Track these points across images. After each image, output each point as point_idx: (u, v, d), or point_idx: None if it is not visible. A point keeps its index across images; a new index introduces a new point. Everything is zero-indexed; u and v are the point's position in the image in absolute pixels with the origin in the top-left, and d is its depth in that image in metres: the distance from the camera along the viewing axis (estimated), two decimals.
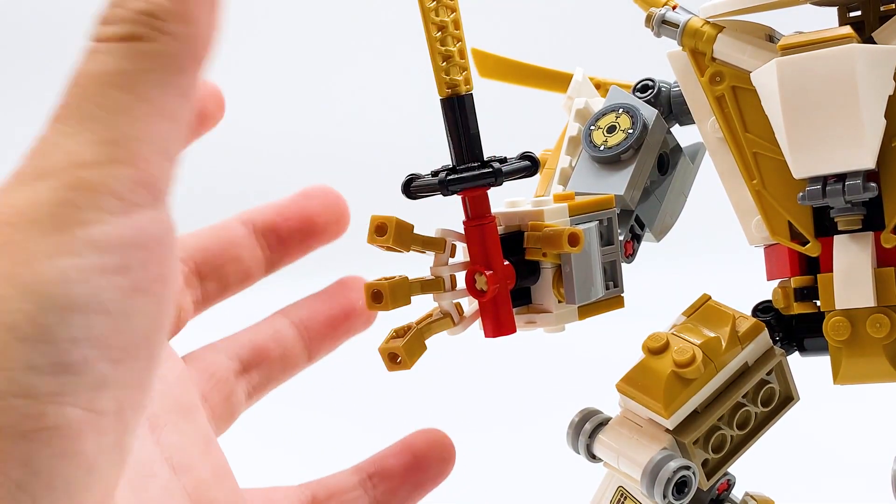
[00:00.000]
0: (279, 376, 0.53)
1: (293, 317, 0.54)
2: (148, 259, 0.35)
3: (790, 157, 0.48)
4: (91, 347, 0.34)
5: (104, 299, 0.34)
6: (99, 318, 0.34)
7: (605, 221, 0.52)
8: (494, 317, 0.48)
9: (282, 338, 0.53)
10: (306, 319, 0.54)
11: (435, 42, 0.45)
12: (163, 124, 0.36)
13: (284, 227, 0.54)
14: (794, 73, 0.47)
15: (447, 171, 0.47)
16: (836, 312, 0.50)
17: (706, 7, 0.52)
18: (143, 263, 0.35)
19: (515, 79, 0.63)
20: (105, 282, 0.34)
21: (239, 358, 0.52)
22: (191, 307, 0.51)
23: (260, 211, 0.54)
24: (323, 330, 0.54)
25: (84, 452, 0.34)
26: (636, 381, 0.51)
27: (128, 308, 0.35)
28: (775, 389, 0.53)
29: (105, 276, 0.34)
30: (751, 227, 0.52)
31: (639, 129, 0.55)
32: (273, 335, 0.53)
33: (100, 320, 0.34)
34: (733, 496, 0.55)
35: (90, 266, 0.34)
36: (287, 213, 0.54)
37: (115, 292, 0.34)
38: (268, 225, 0.54)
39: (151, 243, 0.35)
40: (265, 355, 0.52)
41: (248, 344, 0.52)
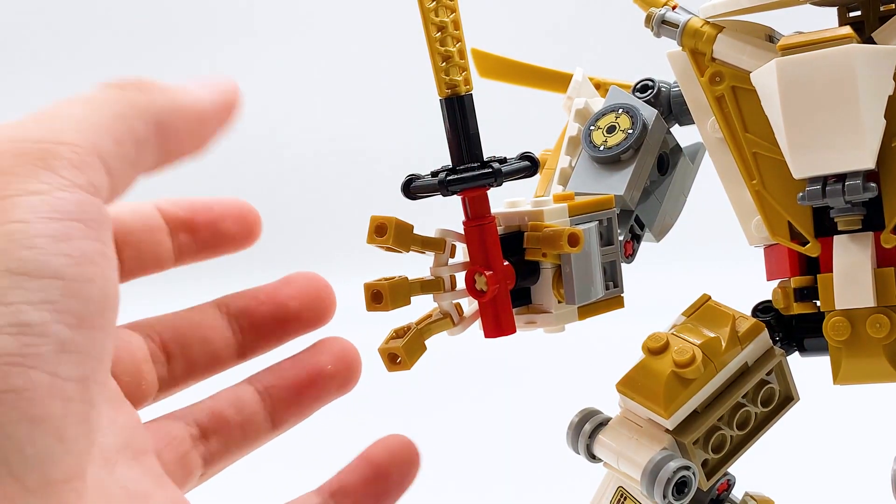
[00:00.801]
0: (240, 445, 0.51)
1: (258, 384, 0.52)
2: (87, 233, 0.37)
3: (790, 158, 0.48)
4: (48, 310, 0.35)
5: (54, 264, 0.36)
6: (52, 282, 0.35)
7: (605, 221, 0.52)
8: (494, 317, 0.48)
9: (243, 405, 0.51)
10: (270, 387, 0.52)
11: (435, 42, 0.45)
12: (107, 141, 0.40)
13: (258, 312, 0.53)
14: (794, 73, 0.47)
15: (447, 172, 0.47)
16: (836, 312, 0.50)
17: (706, 7, 0.52)
18: (84, 235, 0.37)
19: (515, 79, 0.63)
20: (52, 247, 0.36)
21: (197, 424, 0.51)
22: (155, 382, 0.50)
23: (236, 296, 0.53)
24: (288, 397, 0.52)
25: (52, 418, 0.35)
26: (636, 382, 0.51)
27: (77, 274, 0.36)
28: (775, 389, 0.53)
29: (52, 242, 0.36)
30: (751, 228, 0.52)
31: (638, 129, 0.55)
32: (234, 402, 0.51)
33: (53, 284, 0.35)
34: (733, 496, 0.55)
35: (36, 232, 0.36)
36: (262, 297, 0.53)
37: (63, 259, 0.36)
38: (241, 309, 0.53)
39: (90, 220, 0.38)
40: (224, 422, 0.50)
41: (207, 410, 0.51)
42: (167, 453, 0.49)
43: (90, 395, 0.36)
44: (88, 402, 0.36)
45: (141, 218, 0.51)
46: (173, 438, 0.49)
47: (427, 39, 0.45)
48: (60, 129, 0.39)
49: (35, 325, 0.35)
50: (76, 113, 0.40)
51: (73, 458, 0.36)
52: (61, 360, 0.35)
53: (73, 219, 0.37)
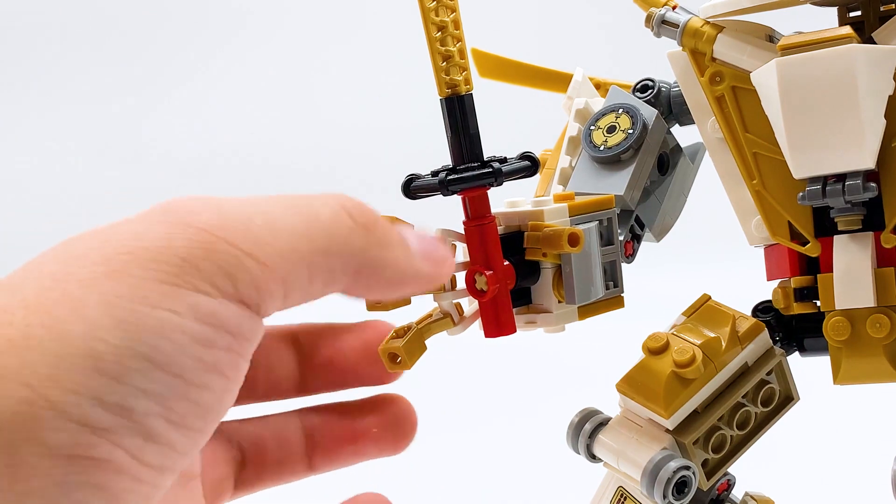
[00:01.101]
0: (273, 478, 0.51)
1: (306, 420, 0.52)
2: (232, 345, 0.37)
3: (790, 158, 0.48)
4: (156, 403, 0.35)
5: (183, 365, 0.36)
6: (173, 380, 0.35)
7: (605, 221, 0.52)
8: (494, 317, 0.48)
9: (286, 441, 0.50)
10: (316, 428, 0.51)
11: (435, 42, 0.45)
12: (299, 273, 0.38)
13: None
14: (794, 73, 0.47)
15: (447, 171, 0.47)
16: (836, 312, 0.50)
17: (706, 7, 0.52)
18: (228, 347, 0.37)
19: (515, 79, 0.63)
20: (190, 349, 0.36)
21: (240, 447, 0.51)
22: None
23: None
24: (329, 445, 0.52)
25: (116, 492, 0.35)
26: (636, 381, 0.51)
27: (199, 380, 0.36)
28: (775, 389, 0.53)
29: (192, 344, 0.36)
30: (751, 228, 0.52)
31: (639, 129, 0.55)
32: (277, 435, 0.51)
33: (172, 382, 0.35)
34: (733, 496, 0.55)
35: (184, 329, 0.35)
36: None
37: (194, 362, 0.36)
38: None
39: (241, 335, 0.37)
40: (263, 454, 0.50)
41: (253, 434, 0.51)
42: (210, 472, 0.49)
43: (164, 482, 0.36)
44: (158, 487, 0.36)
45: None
46: (217, 459, 0.49)
47: (427, 39, 0.45)
48: (262, 241, 0.37)
49: (138, 412, 0.35)
50: (290, 226, 0.38)
51: None
52: (147, 447, 0.35)
53: (224, 328, 0.36)
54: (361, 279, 0.40)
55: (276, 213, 0.39)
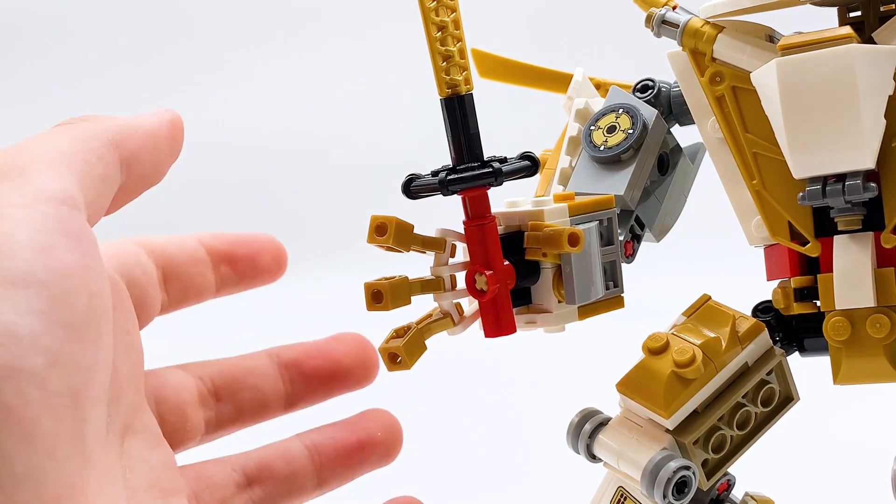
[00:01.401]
0: (284, 497, 0.52)
1: (307, 440, 0.53)
2: (70, 247, 0.37)
3: (790, 158, 0.48)
4: (38, 321, 0.35)
5: (40, 275, 0.36)
6: (39, 292, 0.35)
7: (605, 221, 0.52)
8: (494, 317, 0.48)
9: (291, 458, 0.52)
10: (320, 444, 0.53)
11: (435, 42, 0.45)
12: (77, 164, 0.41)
13: (308, 364, 0.54)
14: (794, 73, 0.47)
15: (447, 171, 0.47)
16: (836, 312, 0.50)
17: (706, 7, 0.52)
18: (67, 249, 0.37)
19: (515, 79, 0.63)
20: (37, 259, 0.36)
21: (243, 471, 0.51)
22: (201, 425, 0.51)
23: (287, 347, 0.55)
24: (335, 458, 0.53)
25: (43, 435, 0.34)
26: (636, 382, 0.51)
27: (63, 286, 0.36)
28: (775, 389, 0.53)
29: (36, 253, 0.36)
30: (751, 228, 0.52)
31: (639, 129, 0.55)
32: (283, 454, 0.52)
33: (40, 295, 0.35)
34: (733, 496, 0.55)
35: (20, 243, 0.36)
36: (314, 352, 0.54)
37: (48, 270, 0.36)
38: (292, 360, 0.54)
39: (72, 234, 0.38)
40: (271, 472, 0.51)
41: (256, 458, 0.52)
42: (206, 495, 0.49)
43: (82, 410, 0.36)
44: (81, 418, 0.36)
45: (186, 251, 0.52)
46: (214, 483, 0.50)
47: (427, 39, 0.45)
48: (30, 154, 0.39)
49: (25, 335, 0.34)
50: (38, 142, 0.40)
51: (66, 476, 0.35)
52: (52, 373, 0.35)
53: (54, 231, 0.37)
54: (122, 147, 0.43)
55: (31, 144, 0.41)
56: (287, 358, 0.54)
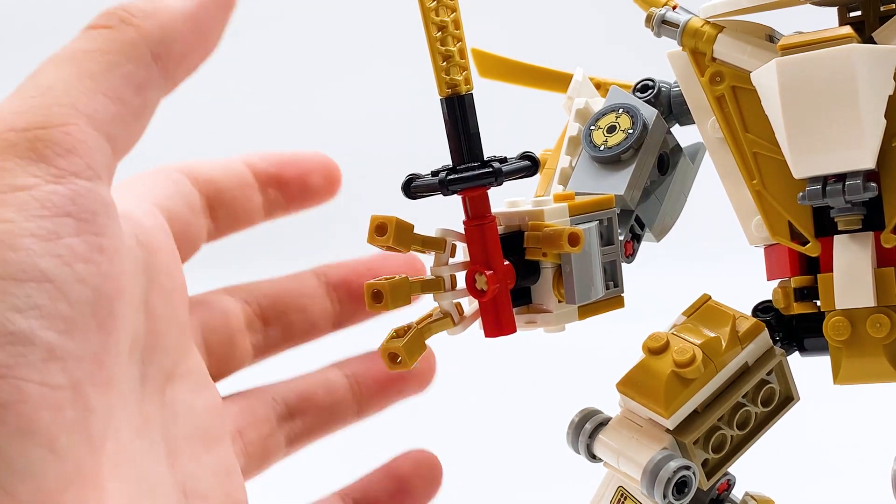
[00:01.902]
0: (326, 426, 0.51)
1: (346, 370, 0.53)
2: (80, 228, 0.35)
3: (790, 157, 0.48)
4: (35, 317, 0.33)
5: (42, 266, 0.34)
6: (39, 286, 0.34)
7: (605, 221, 0.52)
8: (494, 317, 0.48)
9: (333, 388, 0.52)
10: (359, 374, 0.52)
11: (435, 42, 0.45)
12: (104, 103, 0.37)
13: (357, 283, 0.53)
14: (794, 73, 0.47)
15: (447, 171, 0.47)
16: (836, 312, 0.50)
17: (706, 7, 0.52)
18: (76, 231, 0.35)
19: (515, 79, 0.63)
20: (40, 248, 0.34)
21: (286, 402, 0.51)
22: (249, 350, 0.50)
23: (335, 266, 0.53)
24: (374, 387, 0.53)
25: (42, 429, 0.33)
26: (636, 381, 0.51)
27: (66, 275, 0.34)
28: (775, 389, 0.53)
29: (39, 242, 0.34)
30: (751, 228, 0.52)
31: (639, 129, 0.55)
32: (324, 383, 0.52)
33: (40, 288, 0.34)
34: (733, 496, 0.55)
35: (22, 232, 0.34)
36: (362, 270, 0.53)
37: (51, 259, 0.34)
38: (341, 280, 0.53)
39: (83, 213, 0.35)
40: (313, 402, 0.51)
41: (297, 389, 0.51)
42: (250, 432, 0.48)
43: (86, 400, 0.35)
44: (84, 409, 0.35)
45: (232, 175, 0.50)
46: (258, 418, 0.49)
47: (427, 39, 0.45)
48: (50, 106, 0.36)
49: (23, 333, 0.33)
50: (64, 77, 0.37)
51: (69, 467, 0.35)
52: (50, 368, 0.34)
53: (63, 214, 0.35)
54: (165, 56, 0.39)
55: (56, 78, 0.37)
56: (335, 277, 0.53)
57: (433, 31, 0.45)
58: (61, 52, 0.38)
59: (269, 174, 0.51)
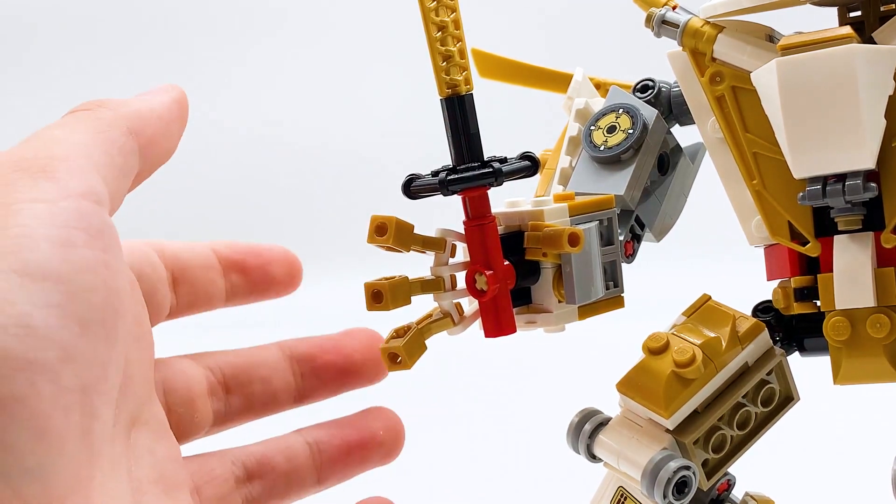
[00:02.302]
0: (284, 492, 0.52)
1: (308, 436, 0.53)
2: (89, 242, 0.37)
3: (790, 158, 0.48)
4: (53, 315, 0.35)
5: (58, 269, 0.36)
6: (56, 285, 0.35)
7: (606, 221, 0.52)
8: (494, 317, 0.48)
9: (293, 455, 0.52)
10: (321, 442, 0.52)
11: (435, 42, 0.45)
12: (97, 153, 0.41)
13: (321, 359, 0.53)
14: (794, 73, 0.47)
15: (447, 171, 0.47)
16: (836, 312, 0.50)
17: (706, 7, 0.52)
18: (86, 244, 0.37)
19: (515, 79, 0.63)
20: (56, 253, 0.36)
21: (244, 465, 0.51)
22: (209, 416, 0.51)
23: (299, 341, 0.54)
24: (337, 455, 0.52)
25: (52, 431, 0.34)
26: (636, 382, 0.51)
27: (80, 281, 0.36)
28: (775, 389, 0.53)
29: (55, 247, 0.36)
30: (751, 228, 0.52)
31: (639, 129, 0.55)
32: (284, 450, 0.52)
33: (56, 289, 0.35)
34: (733, 496, 0.55)
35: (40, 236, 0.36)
36: (326, 346, 0.54)
37: (66, 265, 0.36)
38: (304, 354, 0.54)
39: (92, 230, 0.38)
40: (271, 467, 0.51)
41: (257, 454, 0.51)
42: (208, 490, 0.49)
43: (92, 406, 0.36)
44: (90, 415, 0.36)
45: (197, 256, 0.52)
46: (216, 477, 0.49)
47: (427, 39, 0.45)
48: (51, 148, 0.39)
49: (40, 327, 0.34)
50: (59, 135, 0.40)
51: (73, 472, 0.35)
52: (65, 368, 0.35)
53: (74, 227, 0.37)
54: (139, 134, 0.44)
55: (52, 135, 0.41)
56: (299, 352, 0.54)
57: (433, 31, 0.45)
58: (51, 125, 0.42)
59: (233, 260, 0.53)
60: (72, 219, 0.37)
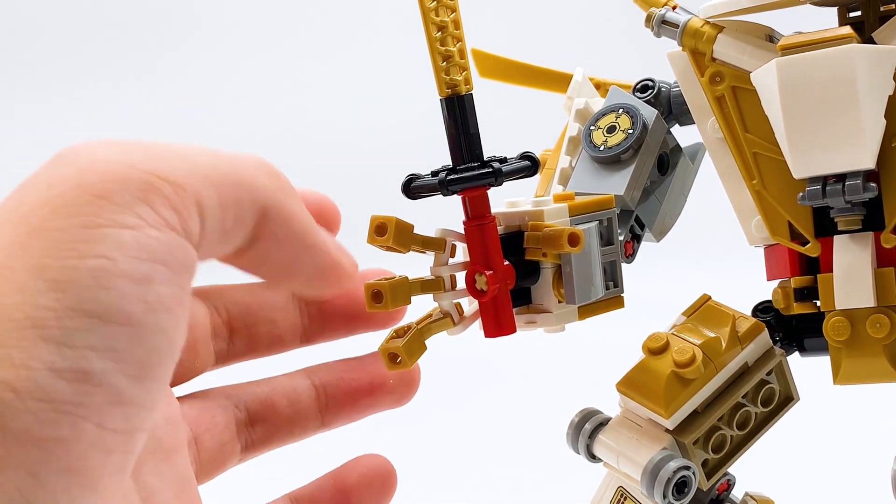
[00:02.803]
0: (285, 437, 0.50)
1: (315, 378, 0.51)
2: (170, 279, 0.35)
3: (790, 158, 0.48)
4: (111, 359, 0.33)
5: (129, 310, 0.34)
6: (122, 329, 0.34)
7: (605, 221, 0.52)
8: (494, 317, 0.48)
9: (297, 398, 0.50)
10: (328, 384, 0.50)
11: (435, 42, 0.45)
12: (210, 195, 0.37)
13: (329, 302, 0.51)
14: (794, 73, 0.47)
15: (447, 171, 0.47)
16: (836, 312, 0.50)
17: (706, 7, 0.52)
18: (167, 281, 0.35)
19: (515, 79, 0.63)
20: (131, 291, 0.34)
21: (247, 408, 0.50)
22: (212, 357, 0.49)
23: None
24: (343, 398, 0.51)
25: (90, 470, 0.33)
26: (636, 382, 0.51)
27: (149, 323, 0.34)
28: (775, 389, 0.53)
29: (132, 286, 0.34)
30: (751, 228, 0.52)
31: (639, 129, 0.55)
32: (289, 393, 0.50)
33: (122, 332, 0.34)
34: (733, 496, 0.55)
35: (119, 273, 0.34)
36: None
37: (139, 304, 0.34)
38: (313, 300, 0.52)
39: (176, 265, 0.35)
40: (274, 411, 0.49)
41: (261, 395, 0.50)
42: (207, 439, 0.48)
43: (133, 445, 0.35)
44: (129, 452, 0.35)
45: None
46: (216, 425, 0.48)
47: (427, 39, 0.45)
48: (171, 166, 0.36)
49: (96, 373, 0.33)
50: (197, 158, 0.37)
51: None
52: (112, 411, 0.34)
53: (159, 261, 0.35)
54: (270, 223, 0.40)
55: (187, 148, 0.38)
56: None
57: (433, 31, 0.45)
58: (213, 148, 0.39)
59: None
60: (158, 252, 0.35)
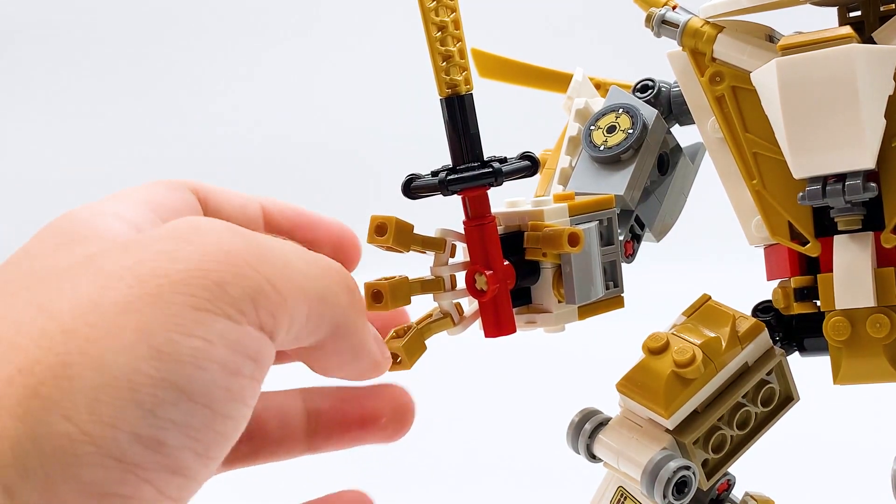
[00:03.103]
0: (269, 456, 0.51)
1: (310, 402, 0.52)
2: (255, 373, 0.37)
3: (790, 158, 0.48)
4: (185, 435, 0.35)
5: (213, 395, 0.36)
6: (203, 410, 0.35)
7: (605, 221, 0.52)
8: (494, 317, 0.48)
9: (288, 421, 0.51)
10: (322, 411, 0.51)
11: (435, 42, 0.45)
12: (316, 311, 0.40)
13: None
14: (794, 73, 0.47)
15: (447, 171, 0.47)
16: (836, 312, 0.50)
17: (706, 7, 0.52)
18: (251, 375, 0.37)
19: (515, 79, 0.63)
20: (220, 378, 0.36)
21: None
22: None
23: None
24: (334, 428, 0.51)
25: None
26: (636, 381, 0.51)
27: (225, 410, 0.36)
28: (775, 389, 0.53)
29: (222, 373, 0.36)
30: (751, 227, 0.52)
31: (639, 129, 0.55)
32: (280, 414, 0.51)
33: (202, 413, 0.35)
34: (733, 496, 0.55)
35: (215, 358, 0.35)
36: None
37: (223, 391, 0.36)
38: None
39: (261, 361, 0.37)
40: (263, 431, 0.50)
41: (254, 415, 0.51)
42: None
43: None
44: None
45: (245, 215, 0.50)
46: None
47: (427, 39, 0.45)
48: (278, 274, 0.38)
49: (170, 445, 0.35)
50: (295, 265, 0.39)
51: None
52: (172, 480, 0.35)
53: (250, 357, 0.37)
54: (337, 338, 0.42)
55: (289, 253, 0.40)
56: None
57: (433, 31, 0.45)
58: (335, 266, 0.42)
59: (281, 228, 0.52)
60: (251, 349, 0.37)
